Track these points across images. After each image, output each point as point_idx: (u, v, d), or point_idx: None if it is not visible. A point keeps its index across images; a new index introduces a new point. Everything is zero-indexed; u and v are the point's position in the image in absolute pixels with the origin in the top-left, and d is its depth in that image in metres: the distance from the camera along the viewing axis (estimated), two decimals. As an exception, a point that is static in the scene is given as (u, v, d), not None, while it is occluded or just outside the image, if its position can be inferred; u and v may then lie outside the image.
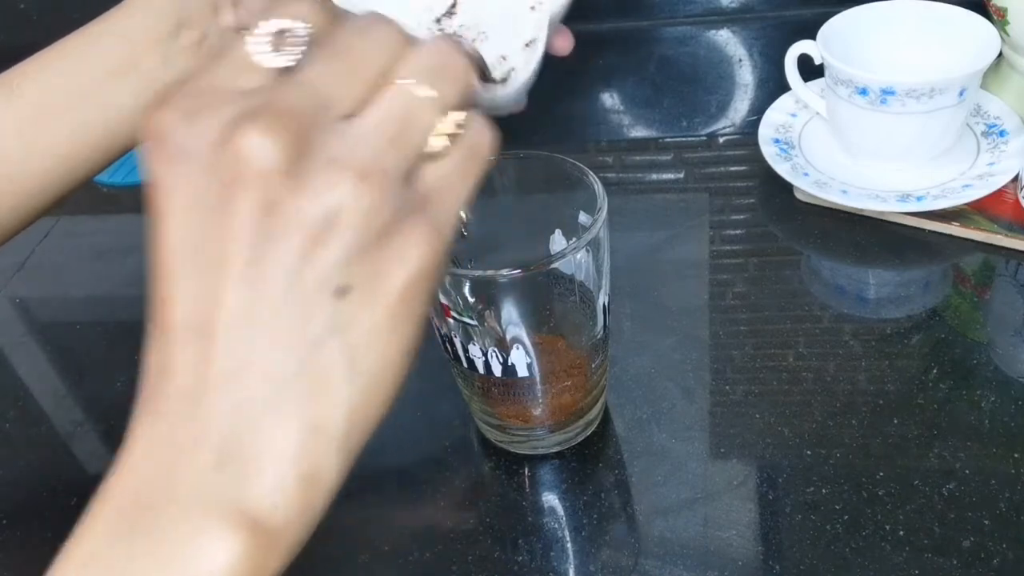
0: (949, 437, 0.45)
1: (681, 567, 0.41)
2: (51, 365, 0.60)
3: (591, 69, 0.78)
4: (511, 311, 0.40)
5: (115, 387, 0.57)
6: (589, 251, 0.39)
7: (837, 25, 0.60)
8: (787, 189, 0.60)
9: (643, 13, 0.82)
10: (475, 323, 0.41)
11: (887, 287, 0.55)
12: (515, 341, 0.41)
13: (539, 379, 0.43)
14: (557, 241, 0.44)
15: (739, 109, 0.70)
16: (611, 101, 0.75)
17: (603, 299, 0.42)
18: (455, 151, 0.24)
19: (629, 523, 0.44)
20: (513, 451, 0.47)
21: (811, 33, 0.59)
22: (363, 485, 0.49)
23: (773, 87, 0.68)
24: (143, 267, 0.24)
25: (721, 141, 0.67)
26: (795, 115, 0.65)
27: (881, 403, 0.47)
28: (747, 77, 0.74)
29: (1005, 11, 0.58)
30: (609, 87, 0.77)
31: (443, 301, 0.40)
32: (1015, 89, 0.62)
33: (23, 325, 0.64)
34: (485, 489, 0.47)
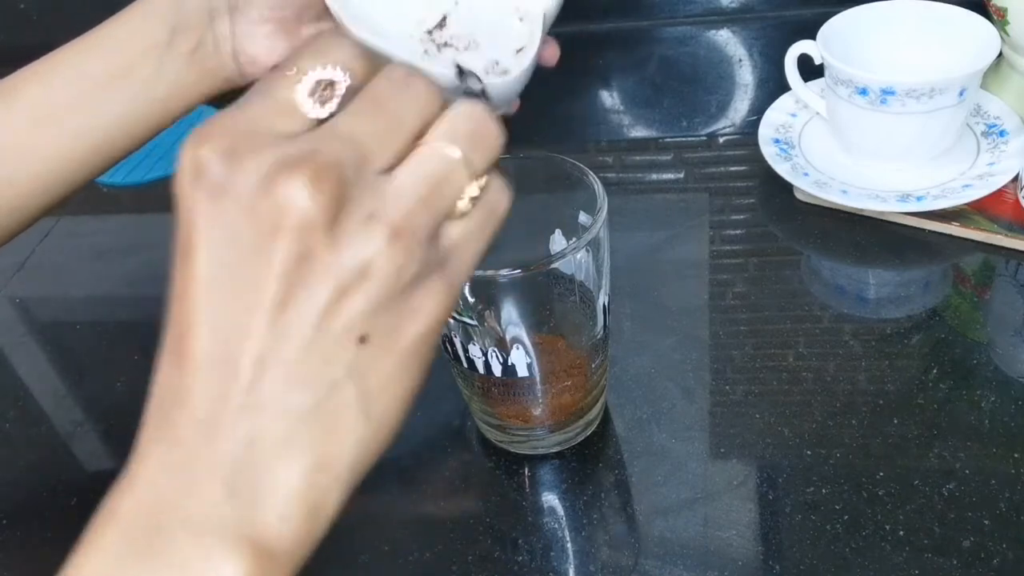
0: (949, 437, 0.45)
1: (681, 567, 0.41)
2: (51, 365, 0.60)
3: (591, 69, 0.78)
4: (511, 311, 0.40)
5: (115, 387, 0.57)
6: (589, 251, 0.39)
7: (837, 25, 0.60)
8: (787, 189, 0.60)
9: (643, 13, 0.82)
10: (475, 323, 0.41)
11: (887, 287, 0.55)
12: (515, 341, 0.41)
13: (539, 379, 0.43)
14: (557, 241, 0.44)
15: (739, 109, 0.70)
16: (611, 101, 0.75)
17: (603, 299, 0.42)
18: (476, 211, 0.25)
19: (629, 523, 0.44)
20: (513, 451, 0.47)
21: (811, 33, 0.59)
22: (363, 485, 0.49)
23: (773, 87, 0.68)
24: (143, 267, 0.24)
25: (721, 141, 0.67)
26: (795, 115, 0.65)
27: (881, 403, 0.47)
28: (747, 77, 0.74)
29: (1005, 11, 0.58)
30: (609, 87, 0.77)
31: (443, 301, 0.40)
32: (1015, 89, 0.62)
33: (23, 325, 0.64)
34: (485, 489, 0.47)
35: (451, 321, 0.41)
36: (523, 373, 0.42)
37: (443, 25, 0.36)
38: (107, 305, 0.65)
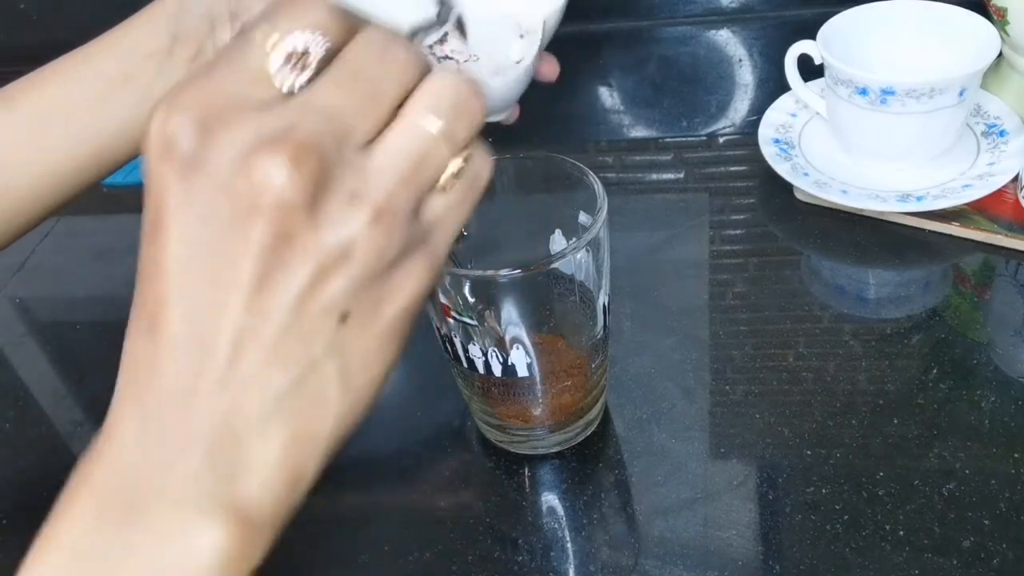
0: (949, 437, 0.45)
1: (681, 567, 0.41)
2: (51, 365, 0.60)
3: (591, 69, 0.78)
4: (511, 311, 0.40)
5: (115, 387, 0.57)
6: (589, 251, 0.39)
7: (837, 25, 0.60)
8: (787, 189, 0.60)
9: (643, 13, 0.82)
10: (475, 323, 0.41)
11: (887, 287, 0.55)
12: (515, 341, 0.41)
13: (539, 379, 0.43)
14: (557, 241, 0.44)
15: (739, 109, 0.70)
16: (611, 101, 0.75)
17: (603, 299, 0.42)
18: (459, 184, 0.25)
19: (629, 523, 0.44)
20: (513, 451, 0.47)
21: (811, 33, 0.59)
22: (363, 485, 0.49)
23: (773, 87, 0.68)
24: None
25: (721, 141, 0.67)
26: (795, 115, 0.65)
27: (881, 403, 0.47)
28: (747, 77, 0.74)
29: (1005, 11, 0.58)
30: (609, 87, 0.77)
31: (443, 301, 0.40)
32: (1015, 89, 0.62)
33: (23, 325, 0.64)
34: (485, 489, 0.47)
35: (451, 321, 0.41)
36: (523, 373, 0.42)
37: (444, 41, 0.37)
38: (107, 305, 0.65)
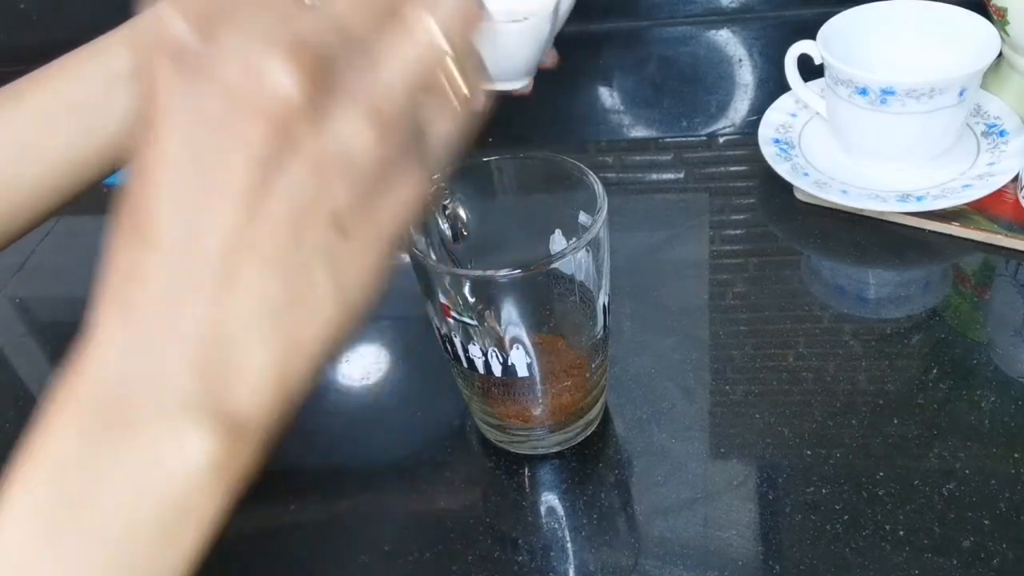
0: (949, 437, 0.44)
1: (681, 567, 0.41)
2: (51, 365, 0.60)
3: (591, 69, 0.78)
4: (511, 311, 0.40)
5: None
6: (589, 251, 0.39)
7: (837, 25, 0.60)
8: (787, 189, 0.60)
9: (643, 13, 0.82)
10: (475, 323, 0.41)
11: (887, 287, 0.55)
12: (515, 341, 0.41)
13: (539, 379, 0.43)
14: (557, 241, 0.44)
15: (739, 109, 0.70)
16: (611, 101, 0.75)
17: (603, 299, 0.42)
18: (455, 92, 0.25)
19: (629, 523, 0.44)
20: (513, 451, 0.47)
21: (811, 33, 0.59)
22: (363, 485, 0.49)
23: (773, 87, 0.68)
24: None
25: (721, 141, 0.67)
26: (795, 115, 0.65)
27: (881, 403, 0.47)
28: (747, 77, 0.74)
29: (1005, 11, 0.58)
30: (609, 87, 0.77)
31: (443, 301, 0.40)
32: (1015, 89, 0.62)
33: (23, 325, 0.64)
34: (485, 489, 0.47)
35: (451, 321, 0.41)
36: (523, 373, 0.42)
37: None
38: (107, 305, 0.65)
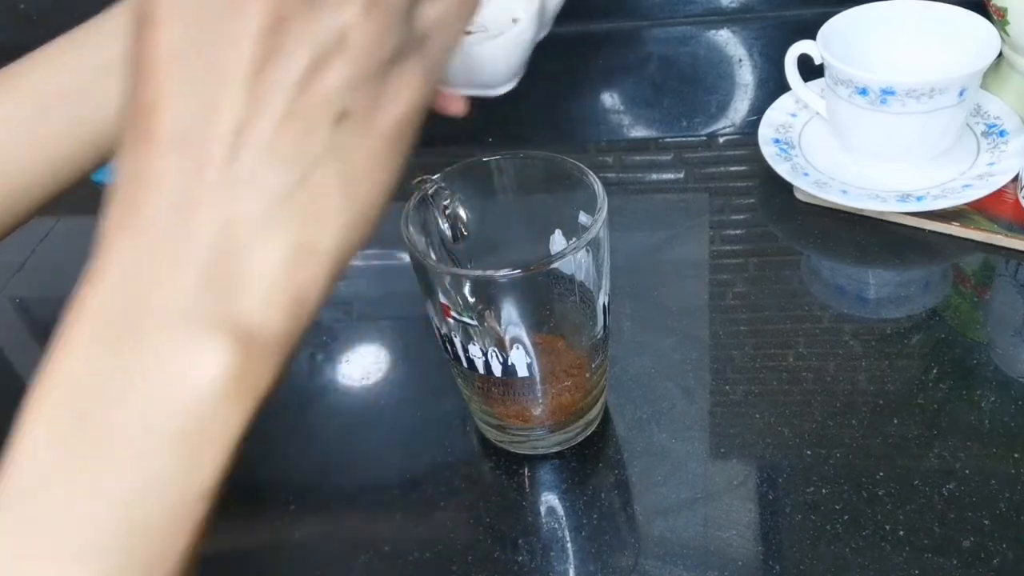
0: (949, 437, 0.45)
1: (681, 567, 0.41)
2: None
3: (591, 69, 0.78)
4: (511, 311, 0.40)
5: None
6: (589, 251, 0.39)
7: (837, 25, 0.60)
8: (787, 189, 0.60)
9: (643, 13, 0.82)
10: (475, 323, 0.41)
11: (887, 287, 0.55)
12: (515, 341, 0.41)
13: (539, 379, 0.43)
14: (557, 241, 0.44)
15: (739, 109, 0.70)
16: (611, 101, 0.75)
17: (603, 299, 0.42)
18: None
19: (629, 523, 0.44)
20: (513, 451, 0.47)
21: (811, 33, 0.59)
22: (363, 485, 0.49)
23: (773, 87, 0.68)
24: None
25: (721, 141, 0.67)
26: (795, 115, 0.65)
27: (881, 403, 0.47)
28: (747, 77, 0.74)
29: (1005, 11, 0.58)
30: (609, 87, 0.77)
31: (443, 301, 0.40)
32: (1015, 89, 0.62)
33: (23, 325, 0.64)
34: (485, 489, 0.47)
35: (451, 321, 0.41)
36: (523, 373, 0.42)
37: None
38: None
